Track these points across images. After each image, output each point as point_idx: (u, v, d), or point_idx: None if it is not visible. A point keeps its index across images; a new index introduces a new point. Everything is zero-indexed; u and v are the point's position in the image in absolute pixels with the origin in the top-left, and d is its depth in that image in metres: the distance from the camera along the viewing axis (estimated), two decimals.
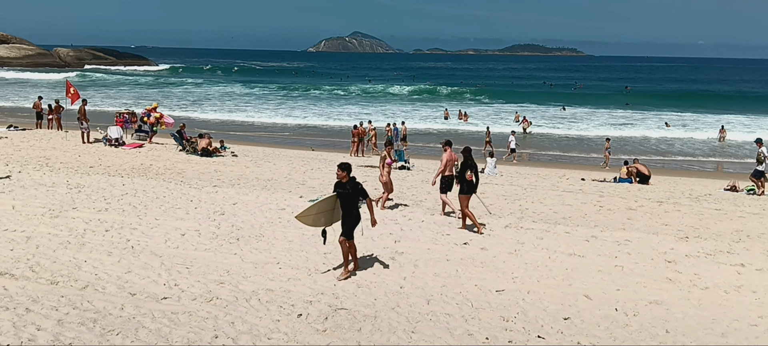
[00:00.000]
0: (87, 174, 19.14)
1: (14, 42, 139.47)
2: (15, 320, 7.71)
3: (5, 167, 19.62)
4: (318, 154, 29.85)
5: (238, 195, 16.94)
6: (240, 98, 68.19)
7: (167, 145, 27.38)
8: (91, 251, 10.95)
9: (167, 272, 10.02)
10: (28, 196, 15.31)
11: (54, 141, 26.89)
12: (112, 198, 15.58)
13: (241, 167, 22.33)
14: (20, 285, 9.04)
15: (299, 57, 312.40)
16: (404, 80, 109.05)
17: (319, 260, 11.05)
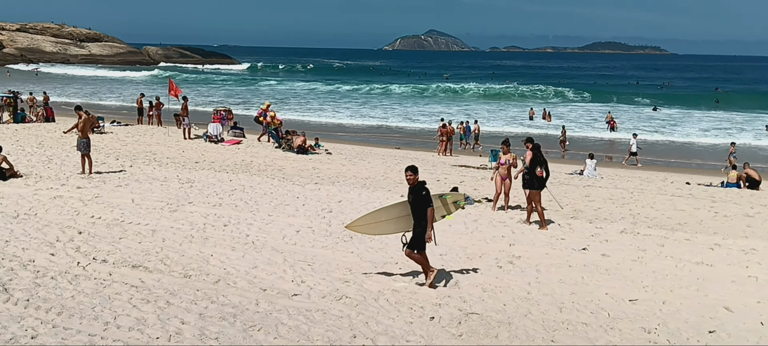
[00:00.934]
0: (194, 169, 19.70)
1: (106, 40, 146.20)
2: (158, 313, 7.90)
3: (116, 161, 20.44)
4: (406, 153, 29.77)
5: (341, 193, 17.04)
6: (323, 97, 69.01)
7: (263, 142, 27.90)
8: (215, 246, 11.18)
9: (291, 268, 10.09)
10: (145, 190, 15.85)
11: (156, 137, 27.87)
12: (223, 193, 15.94)
13: (337, 165, 22.49)
14: (155, 278, 9.29)
15: (375, 55, 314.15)
16: (482, 78, 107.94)
17: (437, 261, 10.90)
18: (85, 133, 17.59)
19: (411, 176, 9.31)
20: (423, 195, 9.16)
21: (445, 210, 10.21)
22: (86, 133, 17.60)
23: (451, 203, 10.20)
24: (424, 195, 9.16)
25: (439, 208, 9.97)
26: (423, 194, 9.17)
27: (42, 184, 15.89)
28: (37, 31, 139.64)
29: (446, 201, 10.08)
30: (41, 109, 32.36)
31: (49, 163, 19.33)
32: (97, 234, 11.51)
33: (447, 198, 10.07)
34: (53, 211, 13.15)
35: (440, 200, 10.04)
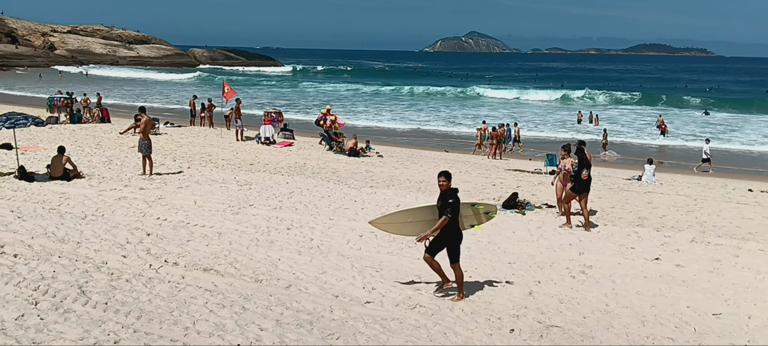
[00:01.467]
0: (250, 172, 19.80)
1: (154, 42, 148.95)
2: (235, 318, 7.86)
3: (173, 163, 20.67)
4: (456, 156, 29.50)
5: (398, 197, 16.91)
6: (367, 99, 68.95)
7: (314, 145, 27.96)
8: (282, 250, 11.15)
9: (360, 274, 9.99)
10: (205, 192, 15.96)
11: (210, 138, 28.17)
12: (281, 196, 15.96)
13: (390, 168, 22.37)
14: (227, 282, 9.28)
15: (416, 57, 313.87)
16: (526, 81, 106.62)
17: (507, 270, 10.69)
18: (146, 134, 17.82)
19: (443, 182, 8.93)
20: (449, 202, 8.78)
21: (475, 220, 9.87)
22: (147, 135, 17.83)
23: (483, 213, 9.85)
24: (450, 203, 8.77)
25: (469, 217, 9.66)
26: (449, 201, 8.78)
27: (105, 185, 16.12)
28: (88, 33, 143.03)
29: (478, 211, 9.76)
30: (97, 110, 33.02)
31: (110, 164, 19.64)
32: (165, 236, 11.58)
33: (479, 207, 9.78)
34: (119, 212, 13.31)
35: (472, 209, 9.75)
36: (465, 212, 9.60)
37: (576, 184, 14.03)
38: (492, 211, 9.98)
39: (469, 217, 9.80)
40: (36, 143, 23.21)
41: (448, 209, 8.76)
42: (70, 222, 12.15)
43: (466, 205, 9.67)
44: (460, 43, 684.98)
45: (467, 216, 9.71)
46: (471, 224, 9.85)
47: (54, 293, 8.25)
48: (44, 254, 9.95)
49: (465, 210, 9.59)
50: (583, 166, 13.93)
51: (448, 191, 8.88)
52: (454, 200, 8.80)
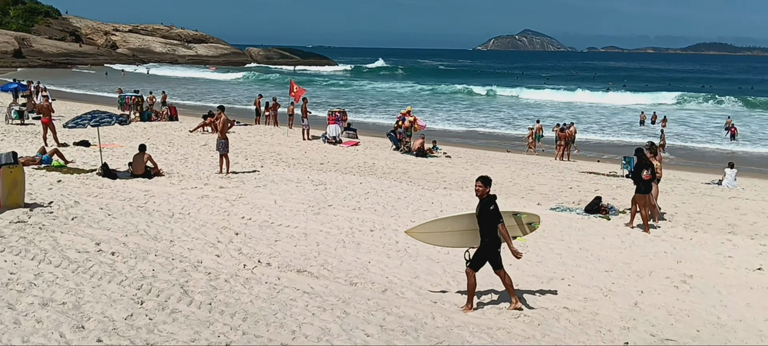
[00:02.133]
0: (322, 171, 19.82)
1: (212, 42, 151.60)
2: (339, 322, 7.76)
3: (246, 161, 20.87)
4: (523, 157, 28.89)
5: (473, 199, 16.54)
6: (426, 98, 68.42)
7: (380, 144, 27.88)
8: (370, 252, 11.04)
9: (454, 279, 9.81)
10: (283, 191, 16.01)
11: (276, 137, 28.37)
12: (357, 196, 15.88)
13: (460, 169, 22.08)
14: (322, 284, 9.21)
15: (468, 56, 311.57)
16: (585, 80, 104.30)
17: (605, 279, 10.33)
18: (224, 133, 18.00)
19: (480, 187, 8.48)
20: (491, 210, 8.32)
21: (518, 231, 9.36)
22: (225, 134, 18.01)
23: (526, 223, 9.33)
24: (492, 210, 8.32)
25: (511, 227, 9.15)
26: (491, 208, 8.33)
27: (186, 183, 16.33)
28: (148, 32, 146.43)
29: (520, 220, 9.26)
30: (166, 109, 33.67)
31: (186, 162, 19.93)
32: (252, 236, 11.62)
33: (522, 217, 9.28)
34: (204, 210, 13.43)
35: (514, 218, 9.24)
36: (507, 222, 8.98)
37: (640, 184, 13.99)
38: (535, 221, 9.45)
39: (512, 227, 9.23)
40: (111, 141, 23.74)
41: (499, 217, 8.36)
42: (159, 220, 12.30)
43: (507, 214, 9.09)
44: (513, 42, 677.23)
45: (510, 226, 9.11)
46: (514, 235, 9.28)
47: (157, 293, 8.30)
48: (140, 252, 10.06)
49: (507, 219, 8.92)
50: (643, 167, 13.86)
51: (485, 197, 8.46)
52: (495, 206, 8.37)
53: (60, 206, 12.67)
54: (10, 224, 10.98)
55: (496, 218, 8.31)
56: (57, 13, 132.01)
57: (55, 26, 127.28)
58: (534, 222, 9.38)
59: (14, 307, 7.49)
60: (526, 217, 9.35)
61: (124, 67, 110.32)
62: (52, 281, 8.40)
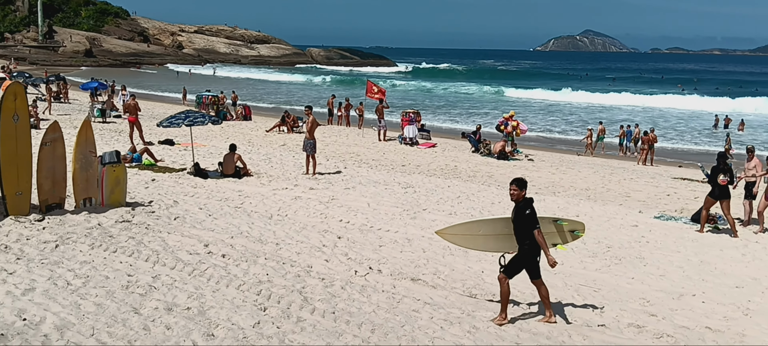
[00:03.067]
0: (406, 173, 19.47)
1: (273, 42, 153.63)
2: (471, 338, 7.36)
3: (327, 162, 20.68)
4: (608, 161, 27.69)
5: (570, 206, 15.99)
6: (491, 100, 67.45)
7: (457, 146, 27.36)
8: (480, 261, 10.58)
9: (577, 293, 9.28)
10: (373, 193, 15.71)
11: (352, 137, 28.19)
12: (449, 201, 15.46)
13: (547, 173, 21.38)
14: (441, 295, 8.82)
15: (528, 56, 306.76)
16: (652, 83, 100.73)
17: (738, 296, 9.60)
18: (312, 134, 17.83)
19: (515, 191, 7.90)
20: (526, 214, 7.77)
21: (559, 238, 8.65)
22: (313, 135, 17.84)
23: (568, 231, 8.60)
24: (528, 214, 7.76)
25: (551, 234, 8.48)
26: (526, 213, 7.78)
27: (276, 183, 16.21)
28: (212, 33, 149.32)
29: (561, 227, 8.56)
30: (240, 108, 33.98)
31: (269, 162, 19.87)
32: (356, 240, 11.32)
33: (563, 224, 8.59)
34: (301, 212, 13.24)
35: (554, 225, 8.57)
36: (546, 228, 8.34)
37: (715, 189, 13.51)
38: (579, 229, 8.70)
39: (552, 234, 8.56)
40: (194, 140, 23.92)
41: (535, 222, 7.77)
42: (259, 222, 12.13)
43: (546, 220, 8.54)
44: (573, 42, 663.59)
45: (549, 233, 8.46)
46: (554, 243, 8.63)
47: (278, 299, 8.05)
48: (249, 255, 9.87)
49: (546, 226, 8.37)
50: (719, 172, 13.44)
51: (521, 200, 7.90)
52: (531, 211, 7.80)
53: (160, 205, 12.65)
54: (117, 223, 10.97)
55: (533, 223, 7.76)
56: (126, 14, 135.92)
57: (124, 27, 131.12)
58: (577, 230, 8.70)
59: (139, 311, 7.34)
60: (569, 224, 8.72)
61: (190, 67, 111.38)
62: (170, 284, 8.25)
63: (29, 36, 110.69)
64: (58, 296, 7.57)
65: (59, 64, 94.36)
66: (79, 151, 11.71)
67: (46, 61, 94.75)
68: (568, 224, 8.66)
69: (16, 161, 10.70)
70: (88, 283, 8.07)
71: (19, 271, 8.28)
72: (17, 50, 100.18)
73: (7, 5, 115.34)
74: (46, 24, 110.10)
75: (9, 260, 8.69)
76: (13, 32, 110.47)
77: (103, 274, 8.44)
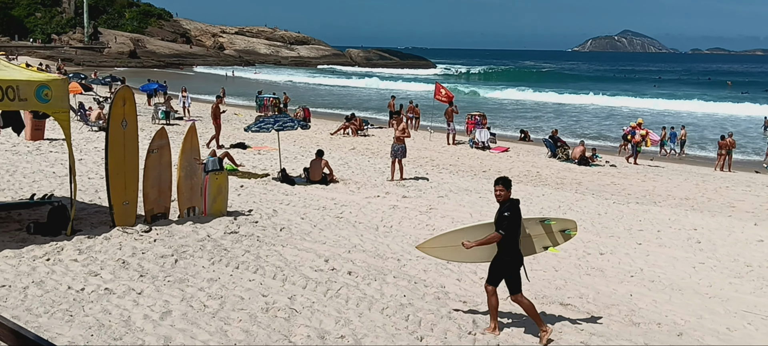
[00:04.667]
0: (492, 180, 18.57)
1: (313, 43, 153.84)
2: None
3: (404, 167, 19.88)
4: (697, 168, 25.72)
5: (678, 216, 14.99)
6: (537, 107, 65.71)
7: (530, 151, 26.38)
8: (622, 282, 9.73)
9: (748, 323, 8.34)
10: (469, 202, 14.95)
11: (419, 141, 27.39)
12: (551, 211, 14.56)
13: (637, 181, 20.27)
14: (605, 325, 7.97)
15: (566, 57, 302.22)
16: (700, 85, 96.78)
17: None
18: (402, 138, 17.13)
19: (502, 192, 7.18)
20: (503, 215, 7.05)
21: (548, 240, 7.84)
22: (402, 139, 17.14)
23: (558, 231, 7.81)
24: (504, 215, 7.04)
25: (540, 236, 7.77)
26: (504, 214, 7.05)
27: (366, 191, 15.52)
28: (253, 35, 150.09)
29: (550, 227, 7.78)
30: (300, 110, 33.43)
31: (348, 167, 19.21)
32: None
33: (551, 224, 7.79)
34: (405, 223, 12.54)
35: (543, 225, 7.77)
36: (534, 230, 7.74)
37: None
38: (571, 228, 7.89)
39: (541, 236, 7.81)
40: (264, 143, 23.43)
41: (503, 223, 7.04)
42: (367, 234, 11.45)
43: (533, 220, 7.85)
44: (612, 42, 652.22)
45: (538, 235, 7.79)
46: (544, 246, 7.89)
47: (430, 326, 7.35)
48: (375, 272, 9.17)
49: (533, 227, 7.74)
50: None
51: (507, 202, 7.16)
52: (510, 212, 7.06)
53: (260, 214, 12.05)
54: (225, 234, 10.38)
55: (500, 222, 7.06)
56: (169, 16, 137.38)
57: (166, 28, 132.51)
58: (569, 229, 7.88)
59: (291, 339, 6.69)
60: (558, 223, 7.90)
61: (233, 68, 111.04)
62: (310, 307, 7.59)
63: (75, 37, 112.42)
64: (200, 320, 6.97)
65: (104, 65, 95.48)
66: (184, 159, 11.17)
67: (92, 62, 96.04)
68: (557, 223, 7.94)
69: (124, 169, 10.21)
70: (225, 305, 7.46)
71: (148, 290, 7.71)
72: (64, 51, 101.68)
73: (53, 7, 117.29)
74: (91, 26, 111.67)
75: (132, 277, 8.13)
76: (59, 34, 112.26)
77: (236, 294, 7.82)
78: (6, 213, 10.74)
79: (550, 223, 7.85)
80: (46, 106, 9.29)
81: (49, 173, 14.75)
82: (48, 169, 15.09)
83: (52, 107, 9.35)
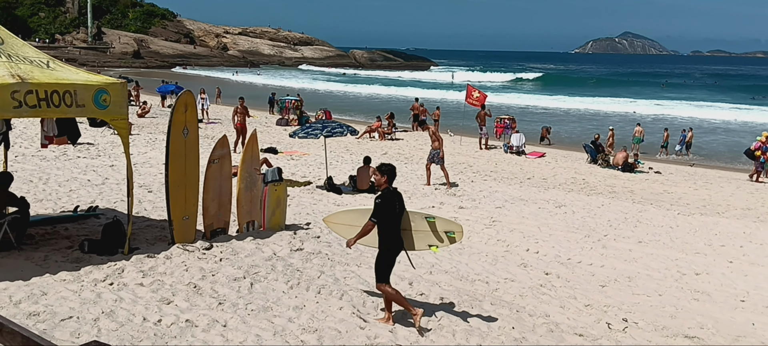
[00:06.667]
0: (542, 188, 17.73)
1: (317, 44, 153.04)
2: None
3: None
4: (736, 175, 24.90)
5: (748, 229, 14.12)
6: (557, 113, 64.27)
7: (568, 157, 25.46)
8: (735, 308, 8.86)
9: None
10: (531, 214, 14.06)
11: (449, 146, 26.43)
12: (618, 223, 13.70)
13: (689, 189, 19.33)
14: None
15: (569, 59, 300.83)
16: (706, 88, 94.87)
17: None
18: (441, 144, 16.30)
19: (379, 178, 7.11)
20: (376, 203, 6.93)
21: (433, 239, 7.40)
22: (442, 145, 16.31)
23: (442, 231, 7.37)
24: (377, 203, 6.92)
25: (424, 233, 7.42)
26: (377, 202, 6.93)
27: (418, 201, 14.65)
28: (257, 35, 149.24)
29: (435, 226, 7.36)
30: (321, 113, 32.56)
31: None
32: (568, 278, 9.68)
33: (434, 222, 7.42)
34: (475, 239, 11.72)
35: (427, 222, 7.42)
36: (418, 226, 7.41)
37: None
38: (456, 231, 7.43)
39: (425, 233, 7.45)
40: (294, 148, 22.59)
41: (375, 211, 6.90)
42: (443, 252, 10.56)
43: (419, 215, 7.51)
44: (612, 44, 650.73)
45: (422, 232, 7.44)
46: (429, 243, 7.48)
47: None
48: (467, 298, 8.33)
49: (418, 223, 7.42)
50: None
51: (385, 189, 7.03)
52: (382, 200, 6.91)
53: (320, 228, 11.16)
54: (292, 252, 9.51)
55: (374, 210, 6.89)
56: (172, 16, 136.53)
57: (170, 28, 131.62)
58: (453, 231, 7.47)
59: None
60: (443, 224, 7.50)
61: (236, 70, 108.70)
62: (417, 342, 6.70)
63: (79, 37, 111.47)
64: None
65: (108, 65, 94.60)
66: (244, 169, 10.28)
67: (96, 63, 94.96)
68: (441, 223, 7.52)
69: (185, 182, 9.31)
70: (323, 339, 6.59)
71: (232, 322, 6.82)
72: (68, 52, 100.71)
73: (57, 7, 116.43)
74: (95, 26, 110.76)
75: (210, 305, 7.24)
76: (63, 33, 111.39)
77: (331, 326, 6.94)
78: (52, 228, 9.84)
79: (433, 220, 7.49)
80: (104, 113, 8.38)
81: (83, 181, 13.86)
82: (81, 177, 14.20)
83: (111, 114, 8.44)
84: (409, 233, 7.40)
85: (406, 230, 7.33)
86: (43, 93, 7.51)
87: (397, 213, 7.05)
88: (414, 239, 7.47)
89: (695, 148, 29.22)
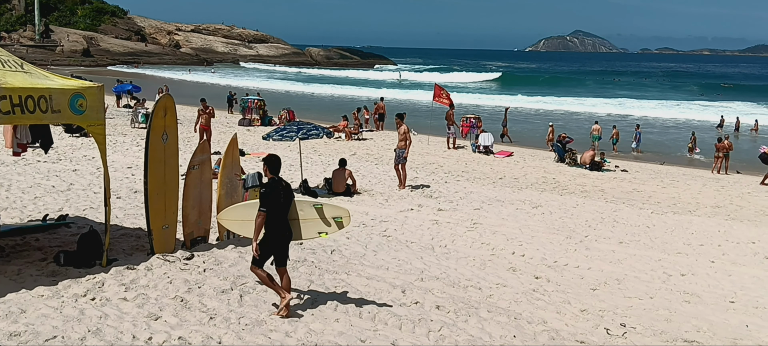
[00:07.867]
0: (515, 188, 17.72)
1: (272, 42, 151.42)
2: None
3: (415, 174, 18.86)
4: (700, 172, 25.01)
5: (723, 227, 14.35)
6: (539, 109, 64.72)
7: (534, 155, 25.60)
8: (726, 309, 8.88)
9: None
10: (510, 215, 13.98)
11: (417, 146, 26.36)
12: (598, 224, 13.76)
13: (657, 187, 19.57)
14: None
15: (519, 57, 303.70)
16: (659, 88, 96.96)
17: None
18: (406, 144, 16.09)
19: (265, 171, 7.32)
20: (260, 193, 7.14)
21: (322, 226, 7.60)
22: (407, 146, 16.10)
23: (330, 217, 7.59)
24: (261, 192, 7.09)
25: (313, 220, 7.56)
26: (261, 191, 7.11)
27: (396, 204, 14.40)
28: (210, 32, 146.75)
29: (322, 212, 7.60)
30: (285, 112, 32.04)
31: (358, 175, 17.85)
32: (558, 281, 9.59)
33: (322, 208, 7.64)
34: (459, 242, 11.49)
35: (316, 210, 7.61)
36: (306, 213, 7.54)
37: None
38: (343, 216, 7.65)
39: (314, 220, 7.59)
40: (258, 149, 22.10)
41: (261, 202, 6.99)
42: (427, 256, 10.39)
43: (307, 203, 7.68)
44: (564, 43, 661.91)
45: (310, 220, 7.56)
46: (318, 231, 7.63)
47: None
48: (465, 306, 8.12)
49: (307, 210, 7.56)
50: None
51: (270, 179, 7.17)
52: (266, 189, 7.04)
53: None
54: None
55: (265, 202, 6.96)
56: (123, 13, 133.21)
57: (120, 26, 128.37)
58: (340, 216, 7.68)
59: None
60: (330, 210, 7.69)
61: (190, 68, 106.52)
62: None
63: (26, 35, 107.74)
64: None
65: (57, 63, 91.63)
66: (225, 175, 9.90)
67: (44, 61, 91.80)
68: (330, 209, 7.71)
69: (164, 189, 8.89)
70: None
71: (228, 339, 6.54)
72: (14, 50, 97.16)
73: (3, 4, 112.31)
74: (42, 23, 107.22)
75: (201, 320, 6.90)
76: (9, 31, 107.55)
77: (330, 340, 6.66)
78: (21, 238, 9.29)
79: (320, 207, 7.64)
80: (80, 119, 7.92)
81: (47, 187, 13.21)
82: (45, 183, 13.54)
83: (88, 120, 7.98)
84: (297, 222, 7.46)
85: (294, 220, 7.42)
86: (18, 98, 7.04)
87: (283, 203, 7.12)
88: (302, 228, 7.53)
89: (648, 144, 29.77)
